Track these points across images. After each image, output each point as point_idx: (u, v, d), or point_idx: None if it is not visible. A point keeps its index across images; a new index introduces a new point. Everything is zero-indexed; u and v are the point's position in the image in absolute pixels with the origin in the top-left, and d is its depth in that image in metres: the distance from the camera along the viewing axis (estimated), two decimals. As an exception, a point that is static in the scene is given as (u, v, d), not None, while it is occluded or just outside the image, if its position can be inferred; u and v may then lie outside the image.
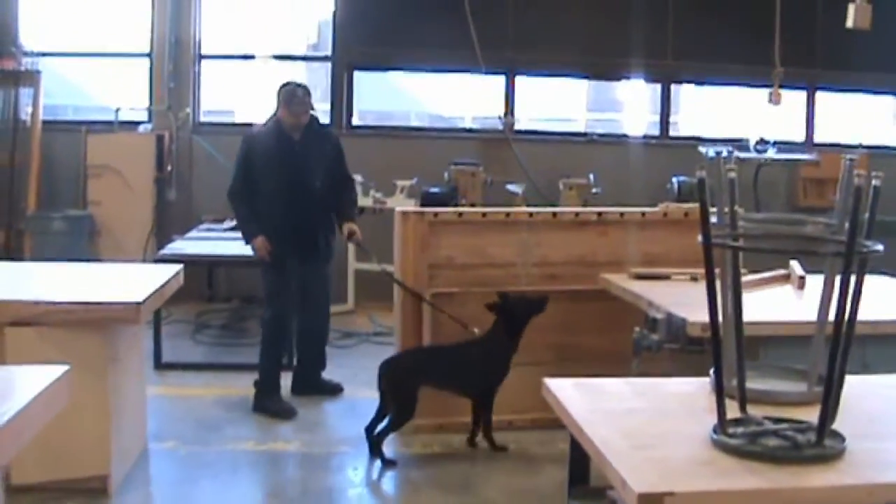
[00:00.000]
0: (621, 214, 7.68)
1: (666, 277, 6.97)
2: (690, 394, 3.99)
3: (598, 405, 3.77)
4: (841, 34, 12.26)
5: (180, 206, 12.26)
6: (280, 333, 8.07)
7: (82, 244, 11.60)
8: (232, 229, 10.53)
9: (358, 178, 10.66)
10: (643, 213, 7.73)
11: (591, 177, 11.81)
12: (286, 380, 8.16)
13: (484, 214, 7.52)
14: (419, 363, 7.10)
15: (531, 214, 7.57)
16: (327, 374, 8.49)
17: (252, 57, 12.80)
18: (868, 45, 12.77)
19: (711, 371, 3.87)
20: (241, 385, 8.24)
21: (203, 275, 11.73)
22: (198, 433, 7.27)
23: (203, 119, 12.75)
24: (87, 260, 11.24)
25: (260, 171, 7.83)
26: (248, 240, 8.02)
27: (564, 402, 3.84)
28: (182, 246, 9.71)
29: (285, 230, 7.82)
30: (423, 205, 11.10)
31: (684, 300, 6.08)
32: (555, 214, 7.63)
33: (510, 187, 11.71)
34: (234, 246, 9.47)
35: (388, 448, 6.87)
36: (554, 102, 13.90)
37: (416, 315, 7.35)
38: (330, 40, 12.67)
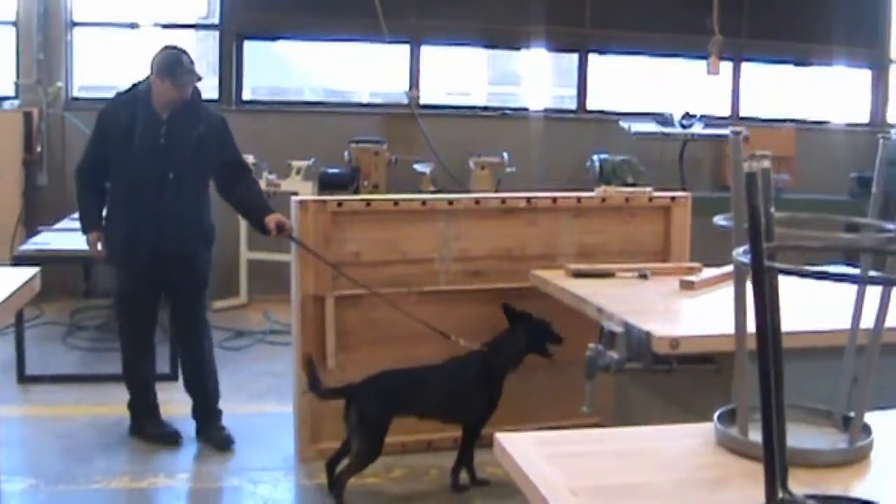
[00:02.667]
0: (554, 200, 6.69)
1: (610, 275, 6.00)
2: (697, 453, 2.99)
3: (577, 481, 2.75)
4: (769, 5, 11.60)
5: (52, 191, 11.06)
6: (136, 371, 6.82)
7: (-60, 236, 10.39)
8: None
9: (250, 158, 9.71)
10: (579, 199, 6.76)
11: (505, 155, 10.87)
12: (171, 392, 7.04)
13: (396, 203, 6.44)
14: (396, 389, 5.88)
15: (451, 202, 6.52)
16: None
17: (134, 25, 11.58)
18: (795, 13, 12.12)
19: (716, 417, 3.00)
20: (118, 400, 7.13)
21: (78, 268, 10.53)
22: (64, 467, 6.14)
23: (77, 94, 11.54)
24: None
25: (113, 154, 6.43)
26: (82, 230, 6.72)
27: (529, 474, 2.80)
28: (48, 240, 8.50)
29: (138, 239, 6.45)
30: (321, 187, 10.16)
31: (640, 306, 5.17)
32: (478, 201, 6.59)
33: (417, 167, 10.78)
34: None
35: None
36: (455, 75, 12.86)
37: (318, 313, 6.28)
38: (217, 8, 11.52)
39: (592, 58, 12.37)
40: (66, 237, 8.67)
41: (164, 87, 6.34)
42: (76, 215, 9.81)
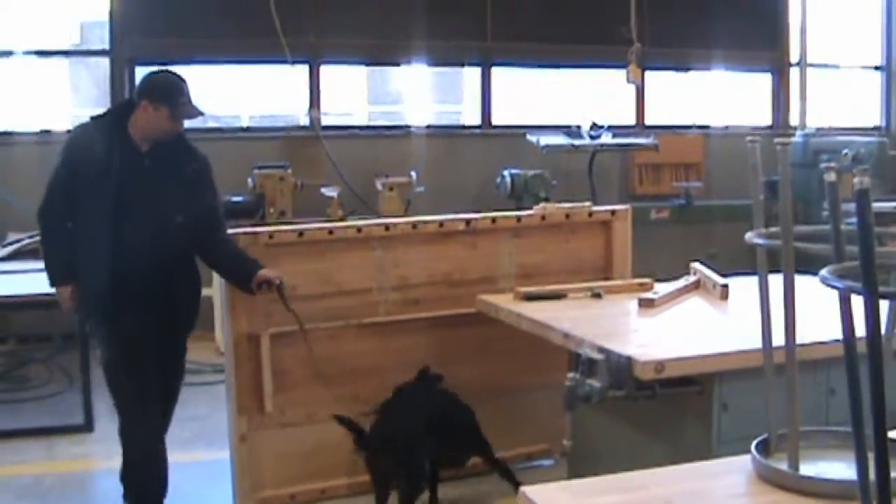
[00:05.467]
0: (493, 220, 6.33)
1: (562, 296, 5.68)
2: (746, 493, 2.65)
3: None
4: (670, 11, 11.46)
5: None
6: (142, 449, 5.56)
7: None
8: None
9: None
10: (518, 218, 6.42)
11: (413, 174, 10.52)
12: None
13: (331, 231, 6.01)
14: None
15: (387, 227, 6.13)
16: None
17: (9, 53, 10.98)
18: (694, 19, 12.03)
19: (754, 446, 2.73)
20: (32, 458, 6.67)
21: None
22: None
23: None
24: None
25: (86, 191, 5.43)
26: (52, 282, 5.60)
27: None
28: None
29: (129, 286, 5.40)
30: (226, 217, 9.64)
31: (607, 328, 4.91)
32: (415, 225, 6.19)
33: (324, 191, 10.36)
34: (7, 282, 7.88)
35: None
36: (344, 94, 12.54)
37: (252, 352, 5.79)
38: (106, 33, 10.98)
39: (495, 71, 12.06)
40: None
41: (157, 116, 5.40)
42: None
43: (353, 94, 12.95)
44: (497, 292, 6.02)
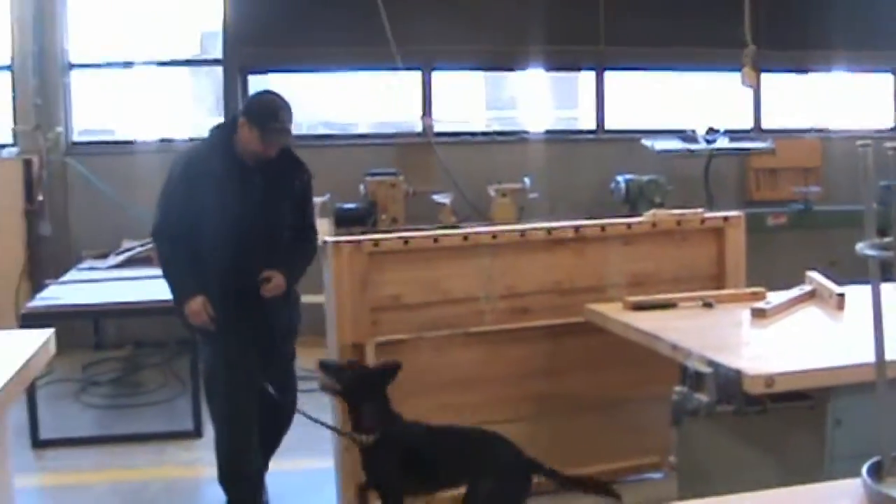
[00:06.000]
0: (602, 228, 6.21)
1: (672, 305, 5.53)
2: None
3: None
4: (786, 12, 11.20)
5: (56, 241, 10.61)
6: (242, 467, 5.82)
7: (-58, 294, 9.93)
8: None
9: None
10: (628, 225, 6.29)
11: (527, 181, 10.42)
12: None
13: (436, 239, 5.94)
14: None
15: (494, 235, 6.04)
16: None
17: (131, 64, 11.14)
18: (811, 20, 11.73)
19: (865, 470, 2.50)
20: (141, 462, 6.73)
21: (88, 320, 10.04)
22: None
23: (77, 139, 11.10)
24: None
25: (201, 207, 5.53)
26: (178, 300, 5.67)
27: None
28: (58, 293, 8.01)
29: (229, 299, 5.60)
30: (337, 224, 9.69)
31: (717, 340, 4.75)
32: (523, 233, 6.10)
33: (436, 198, 10.30)
34: (122, 289, 7.97)
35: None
36: (458, 100, 12.45)
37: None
38: (220, 43, 11.07)
39: (609, 75, 11.90)
40: (75, 290, 8.25)
41: (251, 136, 5.55)
42: (84, 265, 9.47)
43: (469, 99, 12.84)
44: (607, 300, 5.89)
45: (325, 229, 9.34)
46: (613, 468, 6.17)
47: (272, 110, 5.57)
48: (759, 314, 5.22)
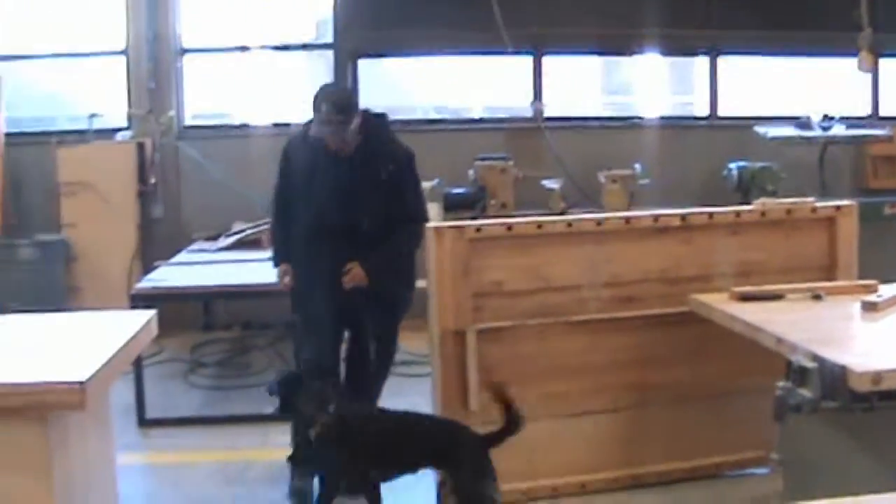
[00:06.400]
0: (710, 216, 6.07)
1: (779, 297, 5.41)
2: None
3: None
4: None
5: (168, 223, 10.77)
6: None
7: (57, 273, 10.13)
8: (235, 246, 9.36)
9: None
10: (737, 214, 6.13)
11: (637, 167, 10.29)
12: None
13: (540, 225, 5.87)
14: None
15: (599, 222, 5.94)
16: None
17: (244, 48, 11.22)
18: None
19: None
20: (244, 444, 6.77)
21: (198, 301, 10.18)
22: (188, 525, 5.71)
23: (190, 122, 11.22)
24: (63, 291, 9.87)
25: (292, 188, 6.02)
26: (273, 262, 6.22)
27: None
28: (167, 275, 8.09)
29: (315, 297, 5.94)
30: (446, 209, 9.65)
31: (823, 334, 4.63)
32: (628, 220, 5.99)
33: (546, 183, 10.23)
34: (231, 272, 8.04)
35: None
36: (570, 85, 12.28)
37: (458, 349, 5.69)
38: (329, 27, 11.10)
39: (722, 60, 11.69)
40: (184, 272, 8.33)
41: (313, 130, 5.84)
42: (194, 247, 9.60)
43: (584, 84, 12.68)
44: (713, 291, 5.77)
45: (433, 214, 9.34)
46: (715, 462, 6.07)
47: (317, 103, 5.73)
48: (869, 307, 5.09)
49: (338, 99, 5.79)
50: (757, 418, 5.97)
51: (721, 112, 11.69)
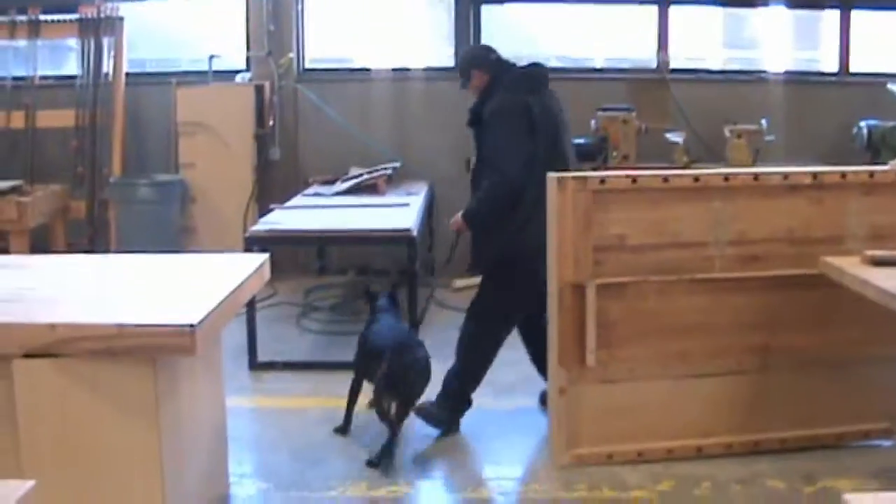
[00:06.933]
0: (843, 175, 5.79)
1: (916, 262, 5.16)
2: None
3: None
4: None
5: (285, 166, 10.72)
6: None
7: (174, 213, 10.15)
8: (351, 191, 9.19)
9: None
10: (871, 174, 5.85)
11: (764, 122, 10.00)
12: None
13: (666, 179, 5.63)
14: None
15: (727, 178, 5.70)
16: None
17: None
18: None
19: None
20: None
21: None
22: (297, 468, 5.63)
23: (309, 65, 11.12)
24: (179, 232, 9.90)
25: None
26: None
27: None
28: (281, 219, 7.99)
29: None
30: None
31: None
32: (757, 177, 5.72)
33: (669, 136, 9.99)
34: (346, 216, 7.99)
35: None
36: (694, 36, 11.95)
37: (577, 303, 5.50)
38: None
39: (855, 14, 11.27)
40: (300, 215, 8.26)
41: None
42: (310, 191, 9.55)
43: (707, 36, 12.34)
44: (844, 254, 5.52)
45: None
46: (838, 431, 5.84)
47: None
48: None
49: (465, 51, 6.36)
50: (884, 388, 5.81)
51: (852, 68, 11.29)
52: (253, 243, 7.12)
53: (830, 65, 11.38)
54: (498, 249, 6.10)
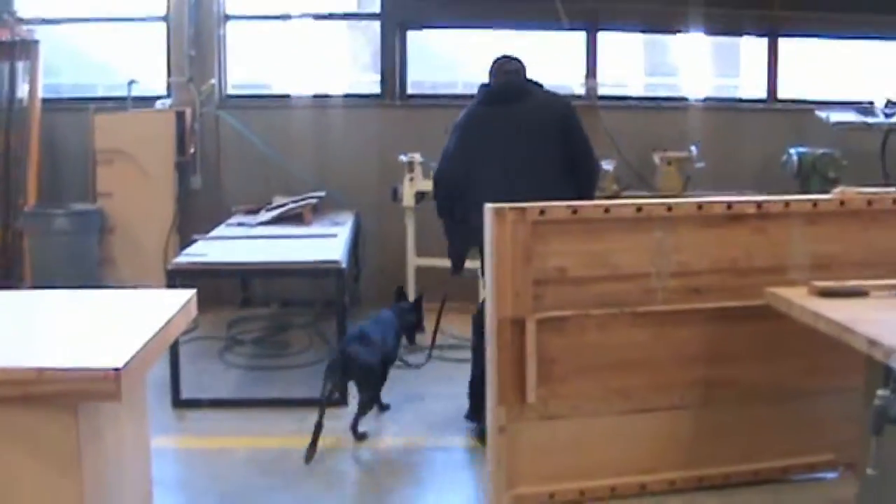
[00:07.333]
0: (786, 204, 5.68)
1: (864, 293, 5.02)
2: None
3: None
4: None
5: (206, 195, 10.45)
6: None
7: (91, 244, 9.85)
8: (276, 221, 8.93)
9: (416, 156, 9.06)
10: (814, 203, 5.74)
11: (693, 149, 9.92)
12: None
13: (607, 210, 5.47)
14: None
15: (669, 208, 5.56)
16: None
17: (287, 17, 10.90)
18: None
19: None
20: (280, 431, 6.47)
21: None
22: (225, 514, 5.39)
23: (231, 92, 10.88)
24: (96, 263, 9.62)
25: None
26: None
27: None
28: (205, 250, 7.74)
29: None
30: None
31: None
32: (700, 206, 5.59)
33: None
34: (270, 248, 7.77)
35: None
36: (617, 62, 11.91)
37: (516, 338, 5.31)
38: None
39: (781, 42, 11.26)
40: (223, 246, 8.02)
41: None
42: (234, 220, 9.32)
43: (629, 63, 12.29)
44: (787, 284, 5.35)
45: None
46: (783, 465, 5.74)
47: None
48: (963, 307, 4.71)
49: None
50: (827, 420, 5.69)
51: (780, 95, 11.26)
52: (176, 276, 6.86)
53: (757, 91, 11.34)
54: (462, 244, 6.47)
